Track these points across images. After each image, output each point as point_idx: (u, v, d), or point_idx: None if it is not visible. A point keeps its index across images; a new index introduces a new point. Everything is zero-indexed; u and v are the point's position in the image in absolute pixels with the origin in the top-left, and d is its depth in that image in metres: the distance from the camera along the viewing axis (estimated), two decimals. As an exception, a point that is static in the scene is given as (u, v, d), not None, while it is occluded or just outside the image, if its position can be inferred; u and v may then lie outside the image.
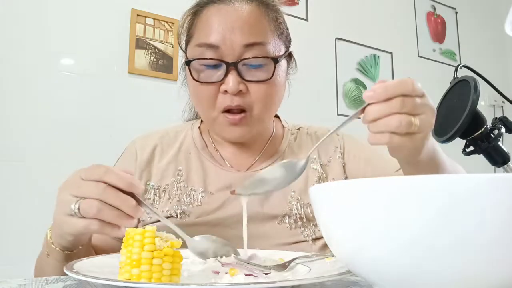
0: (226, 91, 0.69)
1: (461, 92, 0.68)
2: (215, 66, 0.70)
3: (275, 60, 0.71)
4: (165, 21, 2.08)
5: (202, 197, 0.74)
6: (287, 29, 0.78)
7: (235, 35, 0.68)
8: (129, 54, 1.95)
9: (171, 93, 2.00)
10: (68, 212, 0.50)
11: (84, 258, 0.50)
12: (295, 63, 0.82)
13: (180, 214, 0.73)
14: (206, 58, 0.69)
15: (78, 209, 0.49)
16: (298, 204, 0.75)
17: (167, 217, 0.73)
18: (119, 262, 0.42)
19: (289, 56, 0.79)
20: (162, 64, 2.04)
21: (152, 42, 2.03)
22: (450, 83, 0.73)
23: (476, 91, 0.64)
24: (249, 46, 0.69)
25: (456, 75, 0.72)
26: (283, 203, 0.75)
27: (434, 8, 3.15)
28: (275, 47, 0.72)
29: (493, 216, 0.27)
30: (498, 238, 0.28)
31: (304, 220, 0.75)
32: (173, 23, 2.09)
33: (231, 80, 0.68)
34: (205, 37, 0.70)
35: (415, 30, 3.00)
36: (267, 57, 0.70)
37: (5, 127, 1.66)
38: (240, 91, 0.69)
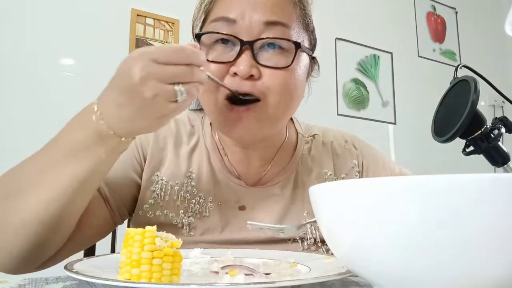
0: (235, 74, 0.61)
1: (461, 92, 0.68)
2: (229, 44, 0.63)
3: (297, 45, 0.63)
4: (165, 21, 2.08)
5: (211, 207, 0.70)
6: (314, 27, 0.73)
7: (256, 10, 0.61)
8: (129, 54, 1.95)
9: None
10: (171, 98, 0.47)
11: (84, 258, 0.50)
12: (319, 66, 0.76)
13: (186, 225, 0.69)
14: (218, 32, 0.62)
15: (182, 93, 0.47)
16: (313, 227, 0.70)
17: (173, 224, 0.69)
18: (119, 262, 0.42)
19: (313, 58, 0.74)
20: (162, 64, 2.04)
21: (152, 42, 2.03)
22: (450, 83, 0.73)
23: (476, 91, 0.64)
24: (270, 24, 0.62)
25: (456, 75, 0.72)
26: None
27: (434, 8, 3.15)
28: (299, 35, 0.65)
29: (493, 216, 0.27)
30: (498, 238, 0.28)
31: (319, 244, 0.70)
32: (173, 23, 2.09)
33: (243, 62, 0.60)
34: (223, 10, 0.63)
35: (415, 30, 3.00)
36: (289, 40, 0.62)
37: (5, 127, 1.66)
38: (252, 76, 0.61)
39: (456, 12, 3.24)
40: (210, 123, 0.77)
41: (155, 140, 0.72)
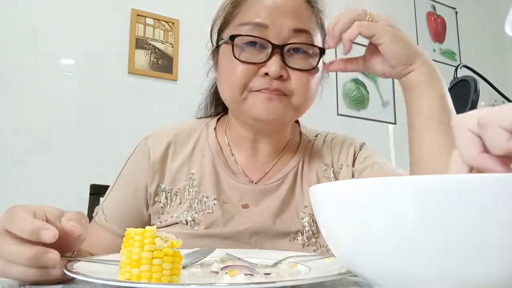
0: (266, 74, 0.67)
1: (461, 92, 0.68)
2: (259, 47, 0.68)
3: (322, 50, 0.71)
4: (165, 21, 2.08)
5: (214, 204, 0.72)
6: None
7: (285, 18, 0.68)
8: (129, 54, 1.95)
9: (171, 93, 2.01)
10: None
11: (84, 258, 0.50)
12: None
13: (190, 221, 0.71)
14: (254, 36, 0.68)
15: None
16: (311, 219, 0.73)
17: (176, 223, 0.71)
18: (119, 262, 0.42)
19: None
20: (162, 64, 2.04)
21: (152, 42, 2.03)
22: (450, 83, 0.73)
23: (476, 91, 0.64)
24: (297, 31, 0.68)
25: (456, 75, 0.72)
26: (295, 219, 0.73)
27: (434, 8, 3.15)
28: (319, 42, 0.73)
29: (493, 216, 0.27)
30: (497, 238, 0.28)
31: (317, 236, 0.73)
32: (173, 23, 2.09)
33: (274, 63, 0.66)
34: (254, 15, 0.69)
35: (415, 30, 3.00)
36: (315, 46, 0.70)
37: (5, 127, 1.66)
38: (281, 76, 0.67)
39: (456, 12, 3.25)
40: (215, 128, 0.80)
41: (153, 154, 0.75)
